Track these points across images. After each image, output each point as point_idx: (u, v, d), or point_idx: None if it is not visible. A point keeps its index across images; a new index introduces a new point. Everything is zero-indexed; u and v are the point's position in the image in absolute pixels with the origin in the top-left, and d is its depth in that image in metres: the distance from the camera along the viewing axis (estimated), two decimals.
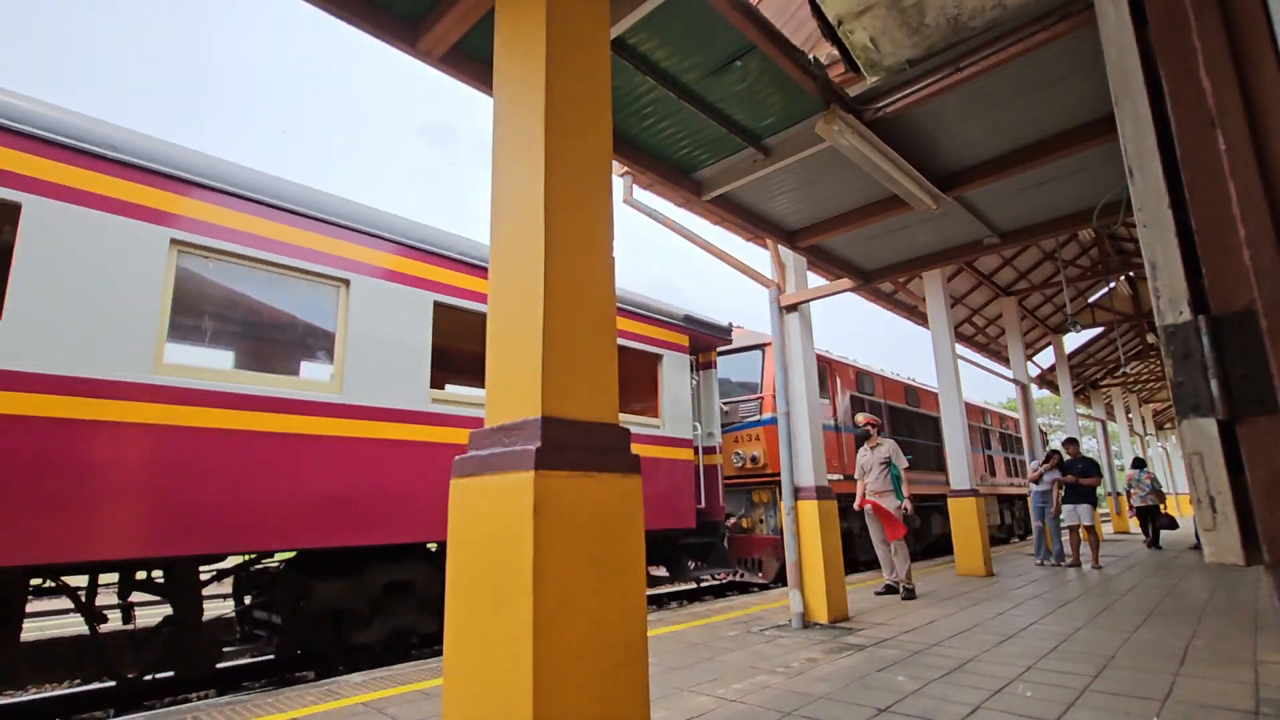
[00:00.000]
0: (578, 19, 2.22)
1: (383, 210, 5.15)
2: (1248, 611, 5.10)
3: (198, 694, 5.10)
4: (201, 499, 3.81)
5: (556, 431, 1.84)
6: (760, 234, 5.52)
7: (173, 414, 3.79)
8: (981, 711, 2.89)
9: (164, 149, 4.06)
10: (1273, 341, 0.83)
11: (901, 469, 6.56)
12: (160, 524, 3.66)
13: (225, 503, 3.89)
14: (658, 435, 6.88)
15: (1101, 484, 8.67)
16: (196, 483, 3.81)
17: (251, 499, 3.99)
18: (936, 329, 9.01)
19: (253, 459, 4.05)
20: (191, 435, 3.84)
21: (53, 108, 3.74)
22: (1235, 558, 0.86)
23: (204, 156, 4.26)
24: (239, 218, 4.24)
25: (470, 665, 1.84)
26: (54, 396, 3.43)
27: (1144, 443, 24.54)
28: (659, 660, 4.04)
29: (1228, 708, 2.83)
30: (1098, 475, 8.44)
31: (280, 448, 4.18)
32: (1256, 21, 0.90)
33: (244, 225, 4.25)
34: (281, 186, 4.53)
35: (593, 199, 2.14)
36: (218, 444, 3.93)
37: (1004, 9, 3.05)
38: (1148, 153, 0.98)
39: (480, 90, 3.33)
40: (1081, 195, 5.16)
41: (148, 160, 3.93)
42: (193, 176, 4.09)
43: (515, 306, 2.01)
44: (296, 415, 4.28)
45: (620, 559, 1.92)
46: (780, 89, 3.65)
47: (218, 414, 3.97)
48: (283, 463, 4.17)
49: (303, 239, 4.50)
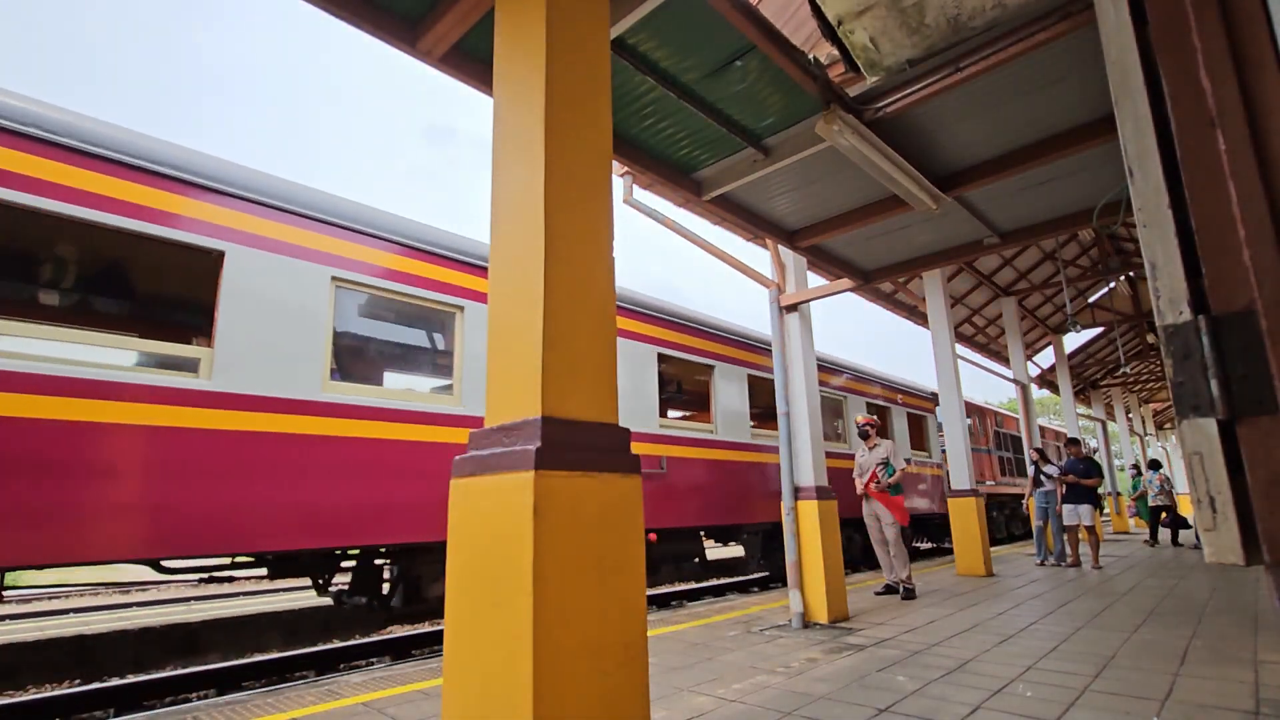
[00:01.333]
0: (577, 19, 2.22)
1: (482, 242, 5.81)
2: (1248, 611, 5.10)
3: (197, 694, 5.10)
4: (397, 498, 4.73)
5: (556, 431, 1.84)
6: (760, 234, 5.52)
7: (339, 426, 4.53)
8: (981, 711, 2.89)
9: (328, 200, 4.80)
10: (1273, 341, 0.83)
11: (898, 468, 6.56)
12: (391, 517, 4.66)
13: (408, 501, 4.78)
14: (930, 462, 12.50)
15: (1103, 484, 8.66)
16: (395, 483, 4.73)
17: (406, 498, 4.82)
18: (936, 329, 9.01)
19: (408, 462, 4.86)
20: (356, 443, 4.57)
21: (244, 168, 4.45)
22: (1235, 558, 0.86)
23: (351, 203, 4.99)
24: (382, 256, 4.97)
25: (470, 665, 1.84)
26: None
27: (1144, 443, 24.53)
28: (659, 660, 4.04)
29: (1228, 708, 2.83)
30: (1099, 476, 8.44)
31: (417, 453, 4.93)
32: (1256, 21, 0.90)
33: (388, 263, 4.99)
34: (406, 226, 5.21)
35: (593, 199, 2.14)
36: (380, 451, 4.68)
37: (1004, 9, 3.05)
38: (1148, 153, 0.98)
39: (480, 90, 3.32)
40: (1081, 195, 5.16)
41: (312, 208, 4.66)
42: (346, 221, 4.81)
43: (515, 306, 2.01)
44: (434, 426, 5.10)
45: (620, 559, 1.92)
46: (780, 89, 3.65)
47: (373, 425, 4.69)
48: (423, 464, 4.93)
49: (429, 271, 5.24)
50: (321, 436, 4.39)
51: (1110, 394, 21.51)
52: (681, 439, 7.15)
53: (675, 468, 6.93)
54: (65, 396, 3.50)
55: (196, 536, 3.79)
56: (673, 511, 6.86)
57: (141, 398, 3.72)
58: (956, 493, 8.45)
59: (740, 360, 8.23)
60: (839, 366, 10.24)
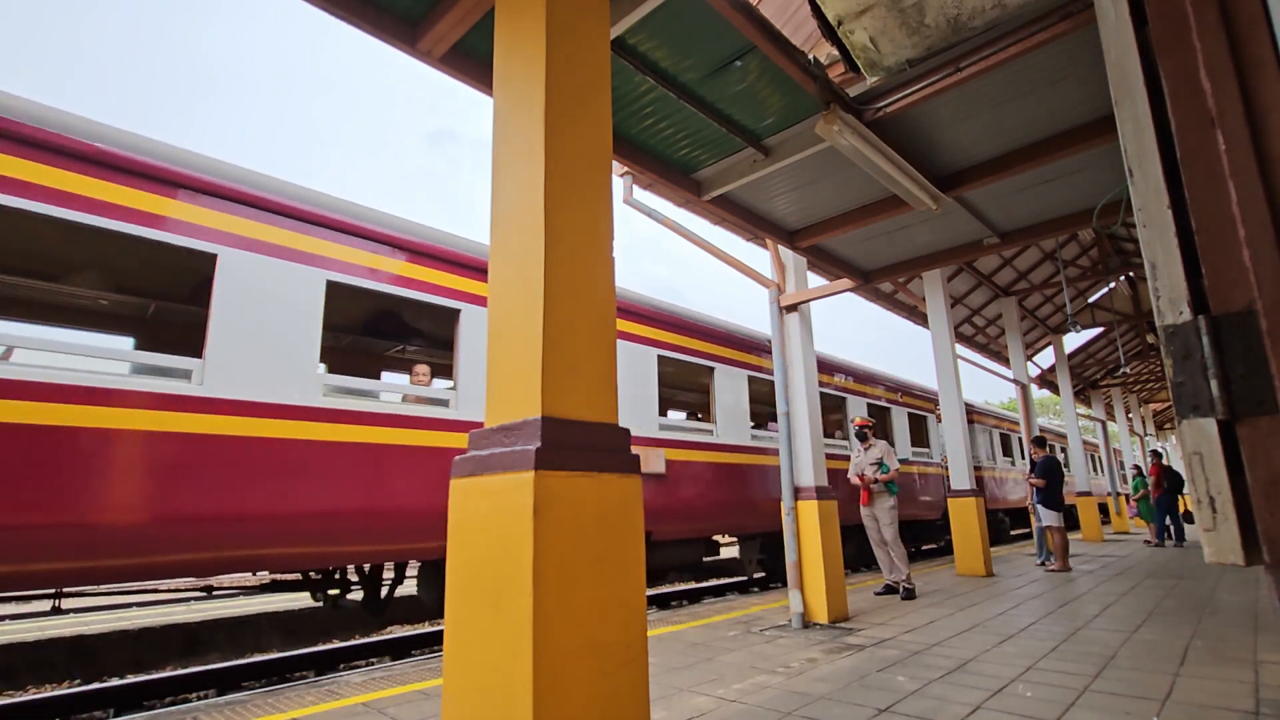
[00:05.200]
0: (578, 19, 2.22)
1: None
2: (1248, 611, 5.09)
3: (197, 694, 5.10)
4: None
5: (556, 431, 1.84)
6: (760, 234, 5.52)
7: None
8: (981, 711, 2.89)
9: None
10: (1273, 341, 0.83)
11: (893, 468, 6.56)
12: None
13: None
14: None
15: (1063, 485, 8.66)
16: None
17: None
18: (936, 329, 9.01)
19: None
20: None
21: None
22: (1235, 558, 0.86)
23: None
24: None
25: (470, 665, 1.84)
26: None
27: (1144, 443, 24.52)
28: (659, 660, 4.03)
29: (1228, 708, 2.83)
30: (1052, 477, 8.47)
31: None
32: (1256, 21, 0.90)
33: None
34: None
35: (593, 198, 2.14)
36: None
37: (1004, 9, 3.05)
38: (1148, 153, 0.98)
39: (480, 90, 3.32)
40: (1081, 195, 5.16)
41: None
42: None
43: (515, 306, 2.01)
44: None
45: (620, 559, 1.92)
46: (780, 89, 3.65)
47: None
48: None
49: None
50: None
51: (1110, 394, 21.50)
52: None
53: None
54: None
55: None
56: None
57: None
58: (956, 493, 8.45)
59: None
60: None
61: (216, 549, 3.79)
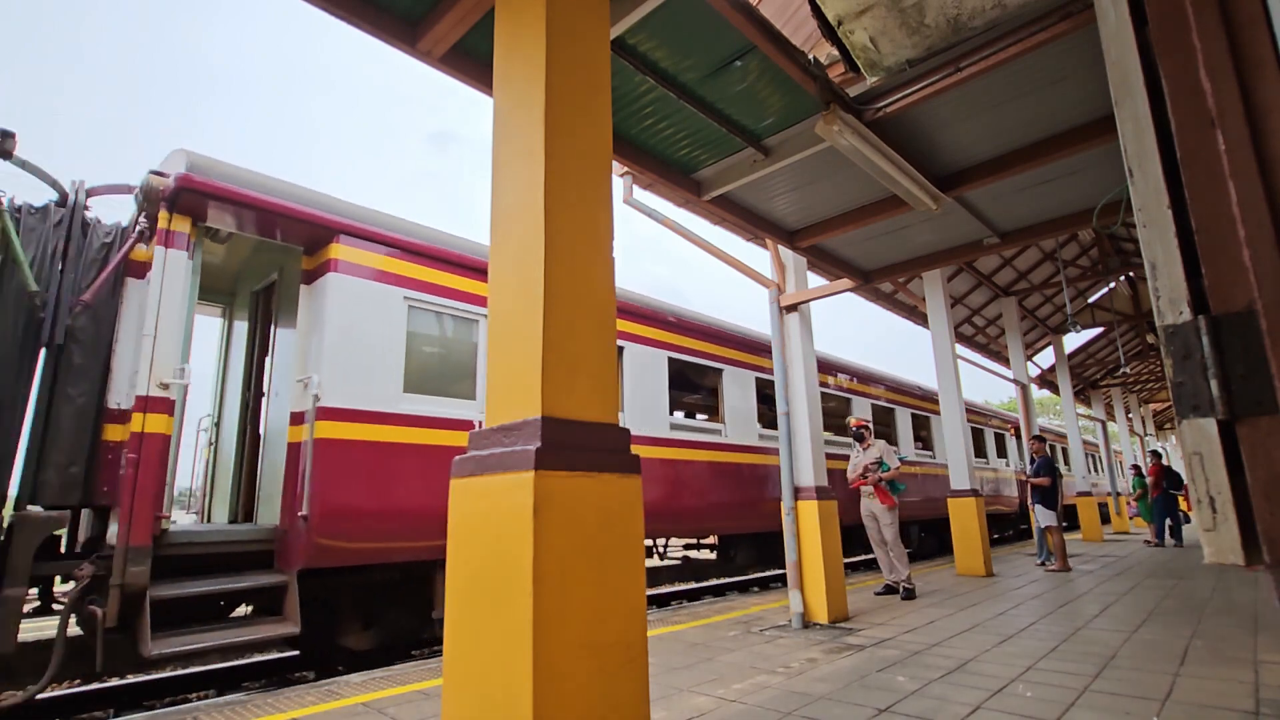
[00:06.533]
0: (577, 19, 2.22)
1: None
2: (1248, 611, 5.09)
3: (197, 694, 5.10)
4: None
5: (556, 431, 1.84)
6: (760, 234, 5.52)
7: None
8: (981, 711, 2.89)
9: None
10: (1273, 341, 0.83)
11: (893, 467, 6.56)
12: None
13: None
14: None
15: (1060, 483, 8.70)
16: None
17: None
18: (936, 329, 9.01)
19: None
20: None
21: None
22: (1235, 558, 0.86)
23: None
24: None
25: (470, 665, 1.84)
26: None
27: (1144, 443, 24.52)
28: (659, 660, 4.03)
29: (1228, 708, 2.83)
30: (1049, 476, 8.52)
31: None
32: (1256, 21, 0.90)
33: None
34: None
35: (593, 199, 2.14)
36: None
37: (1004, 9, 3.05)
38: (1148, 153, 0.98)
39: (480, 90, 3.32)
40: (1081, 195, 5.16)
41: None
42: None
43: (515, 306, 2.01)
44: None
45: (620, 559, 1.92)
46: (780, 89, 3.65)
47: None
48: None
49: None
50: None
51: (1110, 394, 21.49)
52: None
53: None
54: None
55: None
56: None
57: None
58: (956, 492, 8.45)
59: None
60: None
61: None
